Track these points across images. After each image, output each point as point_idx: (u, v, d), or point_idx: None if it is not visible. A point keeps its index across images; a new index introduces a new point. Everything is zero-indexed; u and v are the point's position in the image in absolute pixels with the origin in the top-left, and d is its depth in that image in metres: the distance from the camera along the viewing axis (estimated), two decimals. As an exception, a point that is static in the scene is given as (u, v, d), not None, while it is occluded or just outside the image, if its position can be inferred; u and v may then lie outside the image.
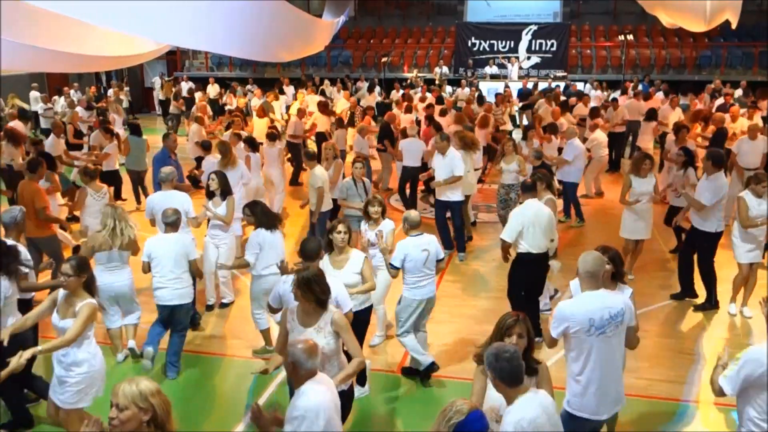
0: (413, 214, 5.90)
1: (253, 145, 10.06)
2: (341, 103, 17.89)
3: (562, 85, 21.51)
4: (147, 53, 9.59)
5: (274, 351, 4.67)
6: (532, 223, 6.37)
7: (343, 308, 4.48)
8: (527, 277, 6.54)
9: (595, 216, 11.17)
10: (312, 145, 13.84)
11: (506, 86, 20.31)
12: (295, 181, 13.60)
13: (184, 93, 21.46)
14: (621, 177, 13.95)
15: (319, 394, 3.38)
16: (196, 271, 6.10)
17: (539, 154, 9.44)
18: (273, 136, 10.83)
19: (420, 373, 5.96)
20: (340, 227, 5.34)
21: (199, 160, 10.97)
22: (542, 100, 15.86)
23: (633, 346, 4.34)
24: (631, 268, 8.12)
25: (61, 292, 4.64)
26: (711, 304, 7.45)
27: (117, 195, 11.51)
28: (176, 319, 6.01)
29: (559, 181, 10.25)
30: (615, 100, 15.72)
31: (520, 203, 6.64)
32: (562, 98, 16.21)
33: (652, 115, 13.55)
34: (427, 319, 6.12)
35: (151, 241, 6.01)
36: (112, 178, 10.96)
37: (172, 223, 6.04)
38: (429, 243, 5.78)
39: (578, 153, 10.44)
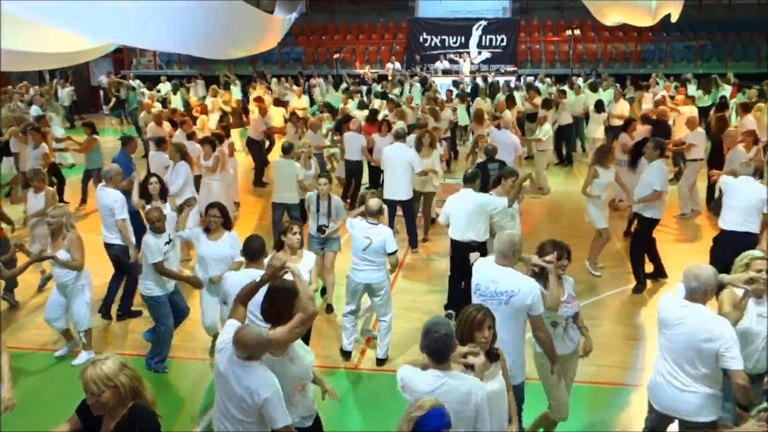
0: (373, 201, 5.98)
1: (211, 143, 9.82)
2: (294, 101, 17.77)
3: (513, 79, 21.85)
4: (92, 51, 9.37)
5: None
6: (456, 211, 6.72)
7: None
8: (454, 262, 6.91)
9: (549, 211, 11.38)
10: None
11: (457, 82, 20.42)
12: (258, 181, 13.31)
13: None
14: (573, 170, 14.33)
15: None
16: None
17: (490, 150, 9.37)
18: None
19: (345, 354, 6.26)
20: (295, 228, 5.32)
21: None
22: (479, 97, 16.18)
23: (539, 338, 4.28)
24: (596, 258, 8.32)
25: None
26: (642, 286, 7.72)
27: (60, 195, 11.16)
28: None
29: None
30: (563, 92, 16.01)
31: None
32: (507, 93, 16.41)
33: (600, 106, 13.91)
34: (386, 312, 6.13)
35: None
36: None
37: None
38: (376, 234, 5.86)
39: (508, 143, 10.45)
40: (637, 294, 7.68)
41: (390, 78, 21.38)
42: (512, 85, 18.86)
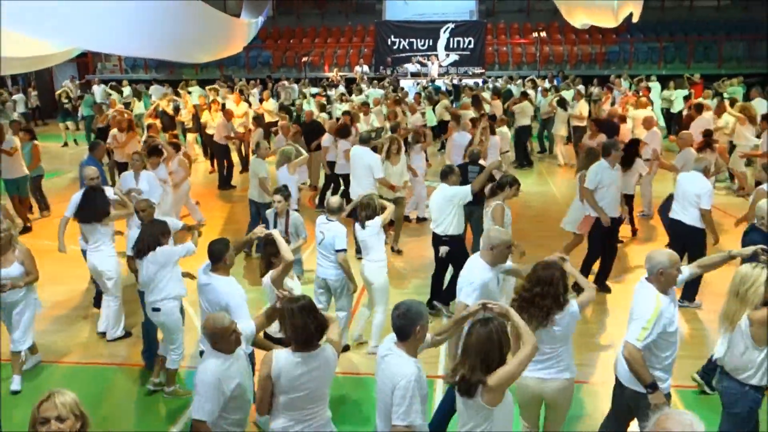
0: (333, 199, 6.25)
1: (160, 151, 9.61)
2: (265, 104, 17.58)
3: (480, 81, 22.02)
4: (55, 55, 9.19)
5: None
6: (431, 205, 7.12)
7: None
8: (435, 253, 7.15)
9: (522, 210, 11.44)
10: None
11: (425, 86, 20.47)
12: (226, 184, 13.27)
13: (98, 98, 20.66)
14: (541, 170, 14.47)
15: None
16: None
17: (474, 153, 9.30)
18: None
19: None
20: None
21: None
22: (445, 100, 16.31)
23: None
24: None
25: None
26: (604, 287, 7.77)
27: None
28: None
29: None
30: (525, 94, 16.16)
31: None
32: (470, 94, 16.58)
33: (563, 104, 14.14)
34: (341, 307, 6.16)
35: None
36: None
37: None
38: (328, 230, 6.01)
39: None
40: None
41: (358, 81, 21.37)
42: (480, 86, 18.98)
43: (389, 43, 25.68)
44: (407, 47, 25.57)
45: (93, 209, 6.54)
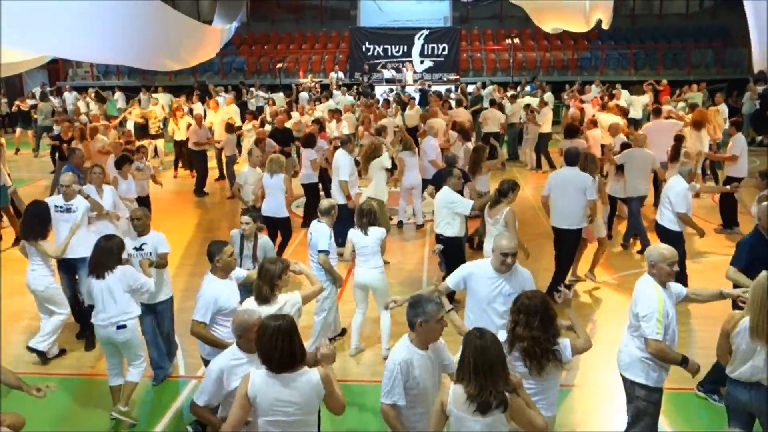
0: (324, 201, 6.53)
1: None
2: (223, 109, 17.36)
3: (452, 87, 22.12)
4: (25, 62, 9.10)
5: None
6: (435, 203, 7.33)
7: None
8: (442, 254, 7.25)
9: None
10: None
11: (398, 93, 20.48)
12: (200, 191, 13.24)
13: (69, 104, 20.42)
14: (515, 174, 14.59)
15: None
16: None
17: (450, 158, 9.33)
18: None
19: None
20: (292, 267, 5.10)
21: None
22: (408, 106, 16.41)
23: None
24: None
25: None
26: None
27: None
28: None
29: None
30: (493, 101, 16.33)
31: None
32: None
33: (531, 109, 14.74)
34: (319, 310, 6.27)
35: None
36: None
37: None
38: (315, 230, 6.27)
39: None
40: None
41: (332, 88, 21.38)
42: (452, 94, 19.05)
43: (364, 49, 25.72)
44: (382, 53, 25.63)
45: (31, 226, 6.29)
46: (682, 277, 6.72)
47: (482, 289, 4.53)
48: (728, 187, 9.05)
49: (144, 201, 9.67)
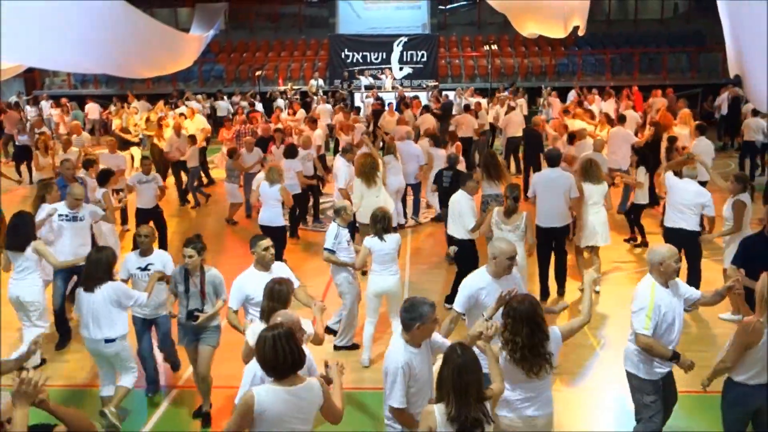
0: (337, 202, 6.96)
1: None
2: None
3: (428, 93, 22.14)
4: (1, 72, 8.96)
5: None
6: (449, 205, 7.50)
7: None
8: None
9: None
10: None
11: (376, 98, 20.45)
12: (182, 200, 13.09)
13: (46, 113, 20.18)
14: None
15: None
16: None
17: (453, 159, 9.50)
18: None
19: None
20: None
21: None
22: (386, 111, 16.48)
23: None
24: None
25: None
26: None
27: None
28: None
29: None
30: (468, 107, 16.36)
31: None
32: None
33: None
34: (349, 304, 6.61)
35: None
36: None
37: None
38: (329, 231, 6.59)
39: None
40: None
41: (310, 95, 21.35)
42: (429, 99, 19.09)
43: (343, 56, 25.73)
44: (361, 60, 25.65)
45: (16, 236, 6.26)
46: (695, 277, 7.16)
47: (492, 300, 4.33)
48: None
49: (153, 214, 9.50)
